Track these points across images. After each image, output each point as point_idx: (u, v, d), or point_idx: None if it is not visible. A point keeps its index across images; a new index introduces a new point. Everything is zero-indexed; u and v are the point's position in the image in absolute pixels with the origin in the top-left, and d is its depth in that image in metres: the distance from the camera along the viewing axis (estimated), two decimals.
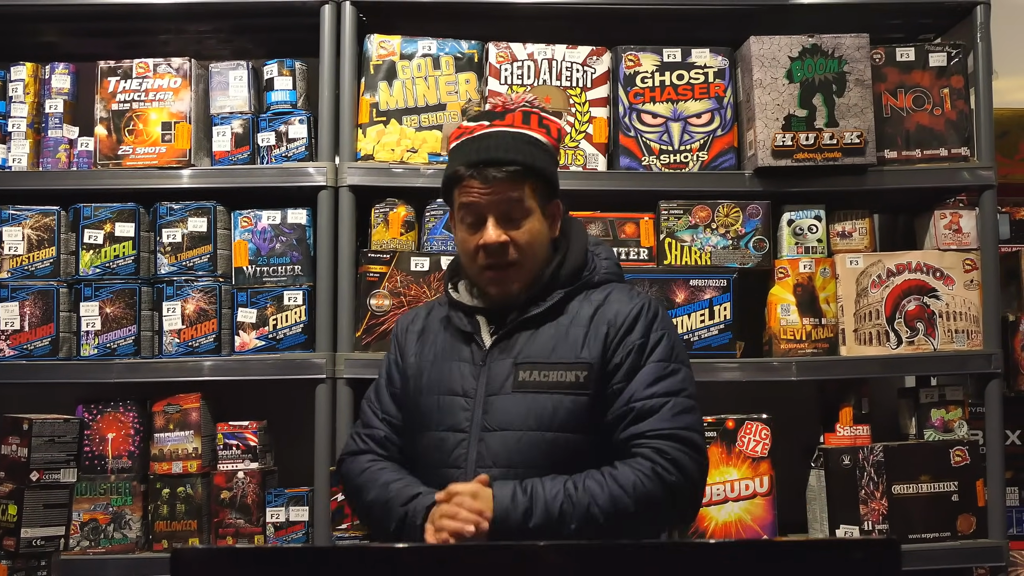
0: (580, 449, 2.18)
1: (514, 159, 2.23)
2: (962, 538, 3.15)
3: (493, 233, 2.22)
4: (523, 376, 2.20)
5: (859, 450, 3.17)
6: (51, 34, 3.49)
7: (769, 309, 3.24)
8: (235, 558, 1.23)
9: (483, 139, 2.27)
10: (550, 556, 1.28)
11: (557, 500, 2.08)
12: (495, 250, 2.22)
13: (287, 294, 3.15)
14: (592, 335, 2.21)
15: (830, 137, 3.14)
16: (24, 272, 3.16)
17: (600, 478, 2.11)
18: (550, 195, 2.32)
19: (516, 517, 2.06)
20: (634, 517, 2.09)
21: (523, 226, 2.24)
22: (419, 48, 3.24)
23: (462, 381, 2.25)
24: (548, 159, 2.32)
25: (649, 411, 2.16)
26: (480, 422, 2.21)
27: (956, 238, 3.29)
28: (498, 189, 2.22)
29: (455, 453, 2.22)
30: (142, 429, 3.16)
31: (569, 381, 2.18)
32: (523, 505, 2.07)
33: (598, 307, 2.26)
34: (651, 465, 2.11)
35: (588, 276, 2.31)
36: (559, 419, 2.17)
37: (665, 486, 2.11)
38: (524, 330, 2.25)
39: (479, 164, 2.23)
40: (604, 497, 2.08)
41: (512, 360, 2.22)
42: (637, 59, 3.26)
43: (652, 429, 2.14)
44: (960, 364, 3.22)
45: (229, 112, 3.26)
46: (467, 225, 2.26)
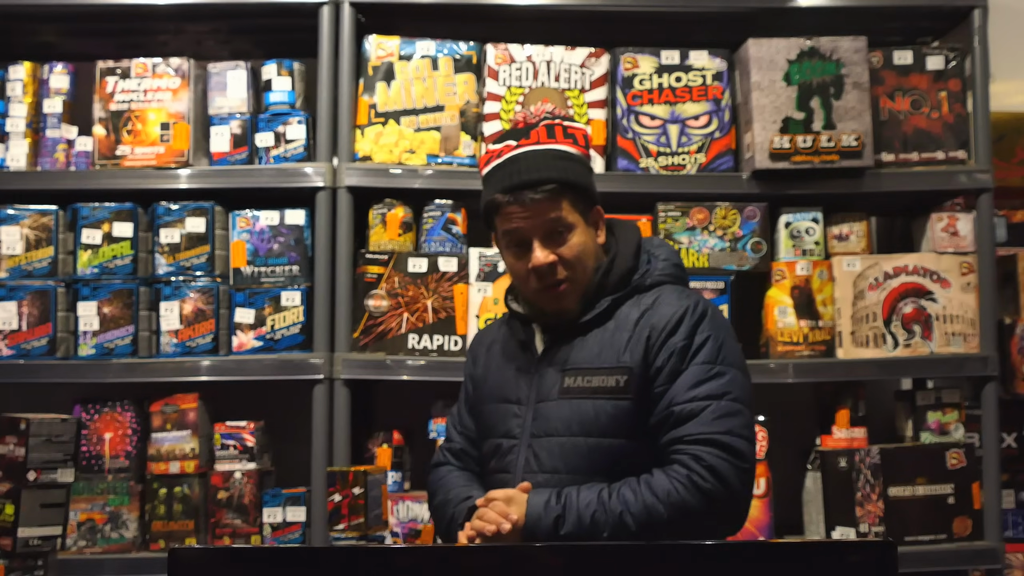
0: (623, 454, 2.15)
1: (549, 177, 2.20)
2: (958, 540, 3.15)
3: (540, 255, 2.19)
4: (568, 382, 2.19)
5: (855, 452, 3.17)
6: (50, 34, 3.49)
7: (766, 311, 3.24)
8: (232, 558, 1.24)
9: (514, 162, 2.24)
10: (544, 557, 1.29)
11: (590, 508, 2.06)
12: (545, 271, 2.20)
13: (285, 295, 3.15)
14: (635, 339, 2.17)
15: (828, 140, 3.15)
16: (22, 272, 3.16)
17: (635, 486, 2.08)
18: (589, 204, 2.28)
19: (547, 524, 2.06)
20: (668, 526, 2.05)
21: (568, 241, 2.21)
22: (418, 49, 3.24)
23: (516, 389, 2.27)
24: (581, 169, 2.28)
25: (689, 415, 2.10)
26: (530, 428, 2.21)
27: (953, 241, 3.29)
28: (537, 211, 2.19)
29: (507, 459, 2.23)
30: (139, 429, 3.16)
31: (610, 386, 2.16)
32: (555, 512, 2.06)
33: (645, 311, 2.21)
34: (687, 472, 2.06)
35: (639, 280, 2.26)
36: (601, 424, 2.15)
37: (701, 494, 2.05)
38: (574, 337, 2.24)
39: (514, 189, 2.20)
40: (638, 505, 2.05)
41: (560, 367, 2.22)
42: (635, 61, 3.26)
43: (690, 434, 2.09)
44: (957, 367, 3.22)
45: (227, 112, 3.26)
46: (514, 250, 2.24)
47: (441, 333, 3.14)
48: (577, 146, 2.29)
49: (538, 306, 2.28)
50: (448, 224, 3.20)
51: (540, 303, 2.27)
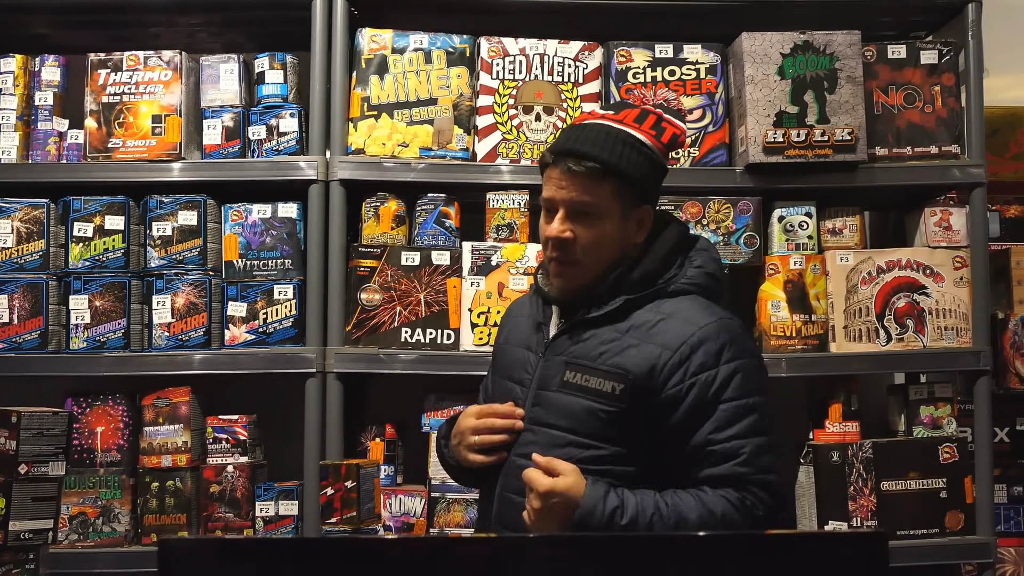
0: (604, 459, 2.12)
1: (597, 155, 2.15)
2: (950, 534, 3.16)
3: (557, 227, 2.17)
4: (568, 376, 2.17)
5: (848, 446, 3.17)
6: (41, 26, 3.47)
7: (759, 305, 3.24)
8: (222, 549, 1.23)
9: (579, 129, 2.22)
10: (541, 548, 1.28)
11: (648, 510, 2.03)
12: (558, 244, 2.18)
13: (277, 288, 3.14)
14: (643, 349, 2.12)
15: (821, 134, 3.14)
16: (13, 265, 3.15)
17: (691, 500, 2.05)
18: (638, 199, 2.21)
19: (603, 512, 2.02)
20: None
21: (594, 227, 2.17)
22: (411, 42, 3.23)
23: (522, 370, 2.26)
24: (642, 163, 2.19)
25: (729, 454, 2.07)
26: (529, 414, 2.21)
27: (946, 235, 3.30)
28: (575, 185, 2.16)
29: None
30: (131, 423, 3.15)
31: (605, 391, 2.12)
32: (613, 503, 2.02)
33: (661, 320, 2.14)
34: (740, 498, 2.05)
35: (663, 285, 2.19)
36: (590, 426, 2.13)
37: (752, 520, 2.05)
38: (585, 329, 2.20)
39: (562, 153, 2.19)
40: (695, 517, 2.02)
41: (565, 358, 2.19)
42: (629, 55, 3.26)
43: (733, 474, 2.06)
44: (949, 361, 3.23)
45: (220, 105, 3.26)
46: (545, 212, 2.23)
47: (434, 327, 3.14)
48: (658, 141, 2.22)
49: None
50: (441, 218, 3.20)
51: (549, 271, 2.26)
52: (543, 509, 2.03)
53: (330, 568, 1.20)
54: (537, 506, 2.04)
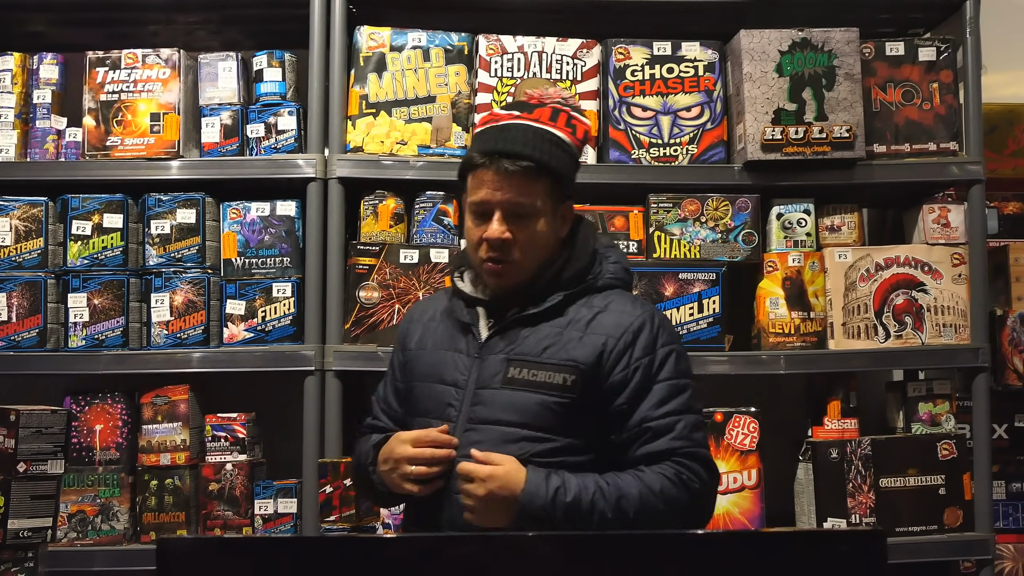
0: (558, 451, 2.16)
1: (530, 155, 2.20)
2: (949, 531, 3.16)
3: (497, 229, 2.19)
4: (513, 372, 2.19)
5: (847, 443, 3.17)
6: (39, 24, 3.47)
7: (758, 302, 3.25)
8: (220, 548, 1.23)
9: (504, 130, 2.24)
10: (539, 547, 1.28)
11: (589, 488, 2.08)
12: (497, 245, 2.20)
13: (276, 286, 3.14)
14: (588, 340, 2.19)
15: (819, 131, 3.14)
16: (11, 263, 3.15)
17: (630, 477, 2.11)
18: (563, 196, 2.28)
19: (545, 494, 2.06)
20: (660, 517, 2.09)
21: (529, 226, 2.21)
22: (409, 40, 3.23)
23: (455, 371, 2.25)
24: (566, 160, 2.27)
25: (664, 429, 2.15)
26: (467, 414, 2.21)
27: (944, 232, 3.30)
28: (510, 185, 2.19)
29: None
30: (130, 421, 3.15)
31: (556, 383, 2.17)
32: (555, 484, 2.07)
33: (597, 313, 2.22)
34: (676, 472, 2.12)
35: (591, 280, 2.27)
36: (542, 419, 2.16)
37: (690, 493, 2.12)
38: (521, 327, 2.24)
39: (495, 154, 2.20)
40: (635, 494, 2.09)
41: (505, 356, 2.21)
42: (627, 52, 3.26)
43: (670, 448, 2.14)
44: (948, 358, 3.23)
45: (218, 103, 3.25)
46: (475, 215, 2.24)
47: None
48: (574, 138, 2.29)
49: (480, 276, 2.28)
50: (439, 215, 3.20)
51: (482, 273, 2.27)
52: (486, 497, 2.07)
53: (329, 567, 1.20)
54: (481, 493, 2.08)
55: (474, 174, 2.24)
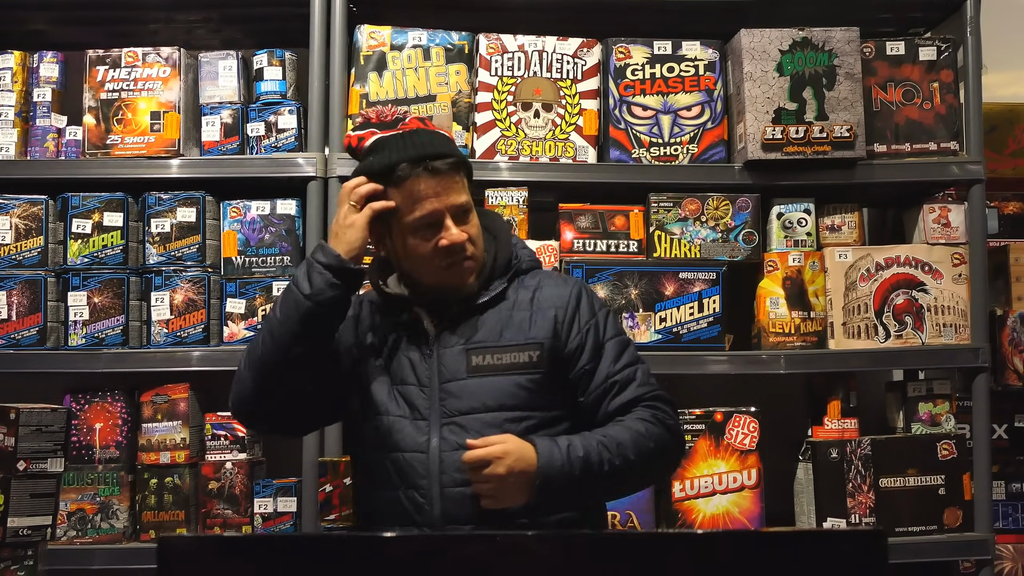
0: (539, 426, 2.24)
1: (451, 152, 2.30)
2: (949, 531, 3.16)
3: (456, 233, 2.25)
4: (476, 361, 2.25)
5: (847, 443, 3.17)
6: (39, 22, 3.47)
7: (758, 302, 3.24)
8: (221, 546, 1.23)
9: (412, 135, 2.28)
10: (539, 546, 1.28)
11: (591, 440, 2.19)
12: (458, 249, 2.26)
13: (276, 285, 3.14)
14: (538, 316, 2.29)
15: (820, 130, 3.14)
16: (11, 261, 3.15)
17: (618, 428, 2.24)
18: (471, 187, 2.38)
19: (561, 454, 2.14)
20: (653, 455, 2.23)
21: (470, 220, 2.30)
22: (409, 39, 3.23)
23: (414, 370, 2.29)
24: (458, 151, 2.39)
25: (628, 380, 2.29)
26: (439, 409, 2.24)
27: (945, 232, 3.30)
28: (448, 188, 2.25)
29: (417, 440, 2.25)
30: (130, 419, 3.15)
31: (523, 361, 2.26)
32: (565, 442, 2.16)
33: (534, 291, 2.33)
34: (652, 414, 2.26)
35: (516, 264, 2.37)
36: (518, 398, 2.24)
37: (667, 428, 2.27)
38: (468, 318, 2.30)
39: (424, 158, 2.24)
40: (628, 439, 2.20)
41: (463, 346, 2.27)
42: (628, 51, 3.25)
43: (638, 395, 2.28)
44: (948, 358, 3.23)
45: (218, 102, 3.25)
46: (420, 231, 2.26)
47: None
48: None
49: (438, 286, 2.30)
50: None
51: (445, 281, 2.29)
52: (507, 475, 2.12)
53: (329, 565, 1.20)
54: (502, 472, 2.12)
55: (404, 189, 2.24)
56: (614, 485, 2.29)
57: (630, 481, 2.35)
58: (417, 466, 2.23)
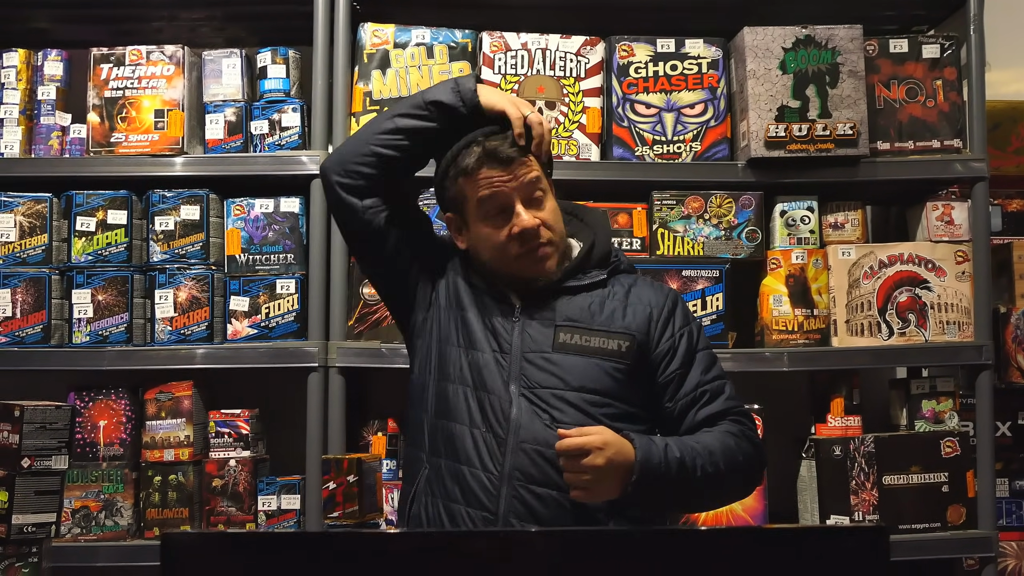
0: (621, 417, 2.15)
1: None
2: (952, 528, 3.16)
3: (527, 217, 2.16)
4: (564, 338, 2.17)
5: (850, 441, 3.18)
6: (43, 20, 3.47)
7: (761, 300, 3.24)
8: (225, 543, 1.24)
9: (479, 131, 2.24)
10: (544, 543, 1.29)
11: (688, 445, 2.11)
12: (532, 234, 2.17)
13: (280, 282, 3.15)
14: (632, 310, 2.22)
15: (823, 128, 3.14)
16: (16, 259, 3.15)
17: (708, 437, 2.17)
18: (549, 171, 2.30)
19: (660, 451, 2.05)
20: (740, 469, 2.17)
21: (546, 205, 2.22)
22: (413, 37, 3.23)
23: (496, 337, 2.19)
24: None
25: (718, 391, 2.23)
26: (519, 378, 2.15)
27: (948, 230, 3.29)
28: (517, 172, 2.18)
29: (496, 410, 2.14)
30: (134, 417, 3.16)
31: (611, 349, 2.18)
32: (661, 442, 2.08)
33: (630, 287, 2.27)
34: (739, 428, 2.21)
35: (616, 262, 2.31)
36: (603, 383, 2.16)
37: (753, 444, 2.21)
38: (559, 298, 2.22)
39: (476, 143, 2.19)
40: (719, 448, 2.14)
41: (550, 321, 2.19)
42: (631, 49, 3.25)
43: (726, 408, 2.22)
44: (951, 355, 3.23)
45: (222, 100, 3.26)
46: (491, 218, 2.19)
47: None
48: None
49: (516, 276, 2.22)
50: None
51: (521, 270, 2.21)
52: (606, 466, 2.00)
53: (332, 563, 1.20)
54: (601, 463, 1.99)
55: (472, 180, 2.19)
56: (704, 492, 2.18)
57: (718, 491, 2.23)
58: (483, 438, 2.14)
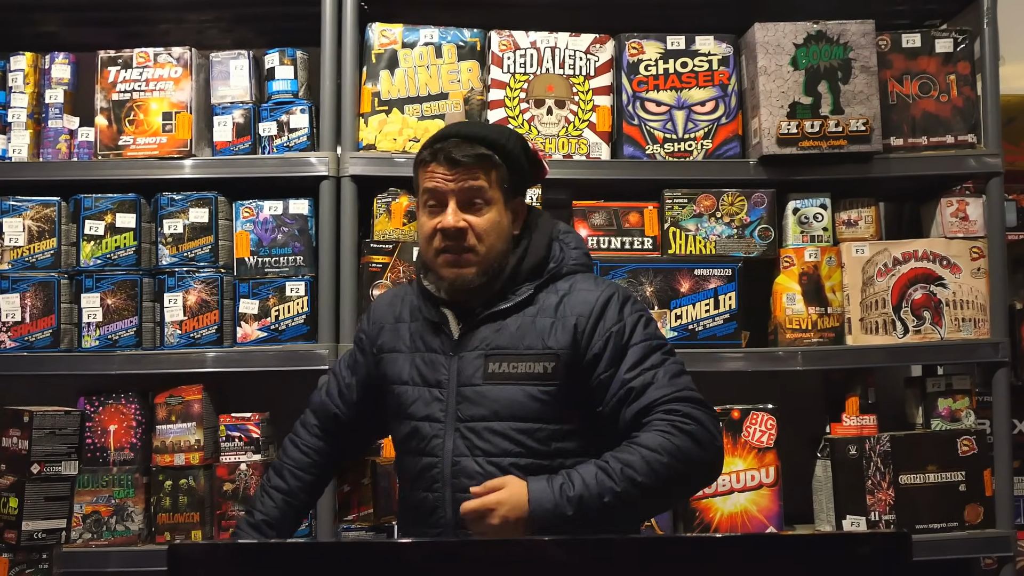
0: (551, 438, 2.19)
1: (486, 137, 2.24)
2: (969, 528, 3.13)
3: (452, 218, 2.21)
4: (493, 368, 2.20)
5: (866, 440, 3.15)
6: (51, 24, 3.47)
7: (774, 298, 3.22)
8: (232, 553, 1.22)
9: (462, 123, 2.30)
10: (553, 551, 1.27)
11: (590, 472, 2.06)
12: (453, 234, 2.21)
13: (289, 285, 3.13)
14: (559, 325, 2.20)
15: (835, 124, 3.12)
16: (25, 263, 3.14)
17: (627, 447, 2.09)
18: (515, 190, 2.31)
19: (553, 493, 2.03)
20: (669, 470, 2.06)
21: (484, 214, 2.23)
22: (421, 37, 3.21)
23: (434, 372, 2.26)
24: (520, 153, 2.30)
25: (645, 385, 2.15)
26: (454, 412, 2.21)
27: (963, 226, 3.26)
28: (465, 172, 2.21)
29: (432, 443, 2.23)
30: (144, 421, 3.14)
31: (538, 372, 2.18)
32: (559, 481, 2.05)
33: (563, 296, 2.24)
34: (668, 421, 2.10)
35: (555, 268, 2.29)
36: (529, 409, 2.18)
37: (687, 435, 2.09)
38: (491, 322, 2.25)
39: (451, 137, 2.23)
40: (637, 459, 2.06)
41: (482, 351, 2.22)
42: (641, 47, 3.23)
43: (655, 399, 2.13)
44: (967, 353, 3.20)
45: (230, 102, 3.24)
46: (428, 208, 2.25)
47: None
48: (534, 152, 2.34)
49: (435, 271, 2.27)
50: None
51: (436, 267, 2.26)
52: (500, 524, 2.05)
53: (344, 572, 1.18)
54: (496, 523, 2.05)
55: (427, 168, 2.25)
56: (623, 513, 2.10)
57: (645, 504, 2.17)
58: (428, 469, 2.22)
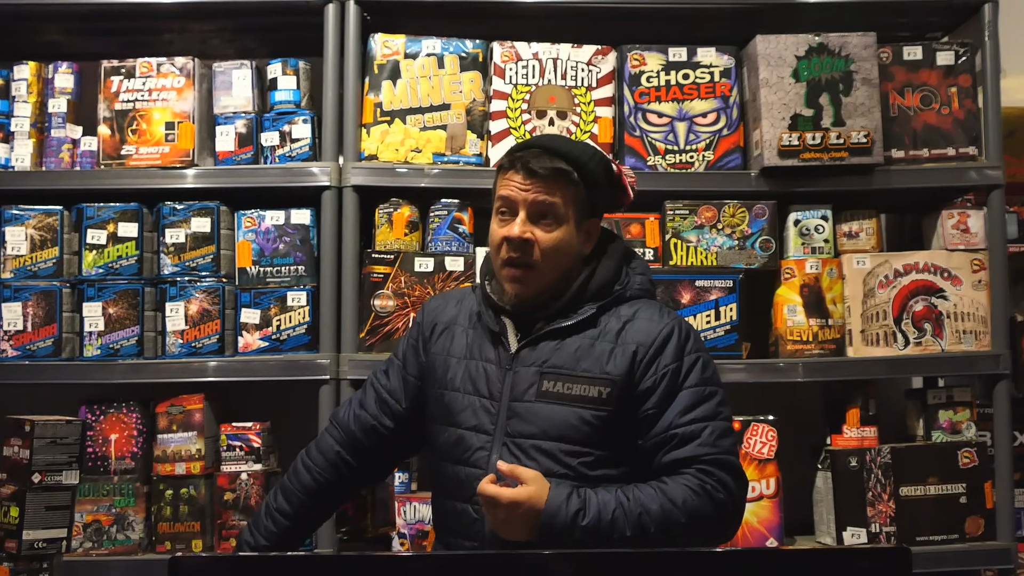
0: (597, 463, 2.15)
1: (567, 153, 2.20)
2: (970, 540, 3.13)
3: (518, 228, 2.18)
4: (547, 386, 2.17)
5: (866, 452, 3.15)
6: (54, 33, 3.47)
7: (775, 310, 3.22)
8: (233, 566, 1.22)
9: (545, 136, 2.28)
10: (557, 564, 1.27)
11: (609, 507, 2.04)
12: (517, 245, 2.18)
13: (291, 295, 3.13)
14: (619, 351, 2.17)
15: (837, 137, 3.12)
16: (27, 272, 3.15)
17: (651, 491, 2.08)
18: (591, 210, 2.26)
19: (566, 515, 2.02)
20: (682, 530, 2.06)
21: (552, 231, 2.19)
22: (423, 47, 3.22)
23: (488, 383, 2.22)
24: (602, 173, 2.26)
25: (691, 436, 2.13)
26: (504, 426, 2.18)
27: (964, 238, 3.27)
28: (540, 185, 2.18)
29: (477, 454, 2.19)
30: (145, 430, 3.14)
31: (592, 396, 2.15)
32: (576, 506, 2.03)
33: (626, 322, 2.21)
34: (699, 483, 2.09)
35: (620, 291, 2.26)
36: (580, 433, 2.14)
37: (714, 503, 2.09)
38: (550, 339, 2.21)
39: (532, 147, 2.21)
40: (656, 508, 2.05)
41: (538, 368, 2.19)
42: (642, 58, 3.24)
43: (695, 455, 2.11)
44: (968, 365, 3.20)
45: (233, 112, 3.25)
46: (500, 216, 2.23)
47: None
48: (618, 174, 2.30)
49: (498, 280, 2.25)
50: (454, 223, 3.18)
51: (500, 277, 2.24)
52: (508, 519, 2.04)
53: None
54: (503, 517, 2.04)
55: (504, 175, 2.23)
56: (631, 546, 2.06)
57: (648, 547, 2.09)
58: (468, 479, 2.17)
